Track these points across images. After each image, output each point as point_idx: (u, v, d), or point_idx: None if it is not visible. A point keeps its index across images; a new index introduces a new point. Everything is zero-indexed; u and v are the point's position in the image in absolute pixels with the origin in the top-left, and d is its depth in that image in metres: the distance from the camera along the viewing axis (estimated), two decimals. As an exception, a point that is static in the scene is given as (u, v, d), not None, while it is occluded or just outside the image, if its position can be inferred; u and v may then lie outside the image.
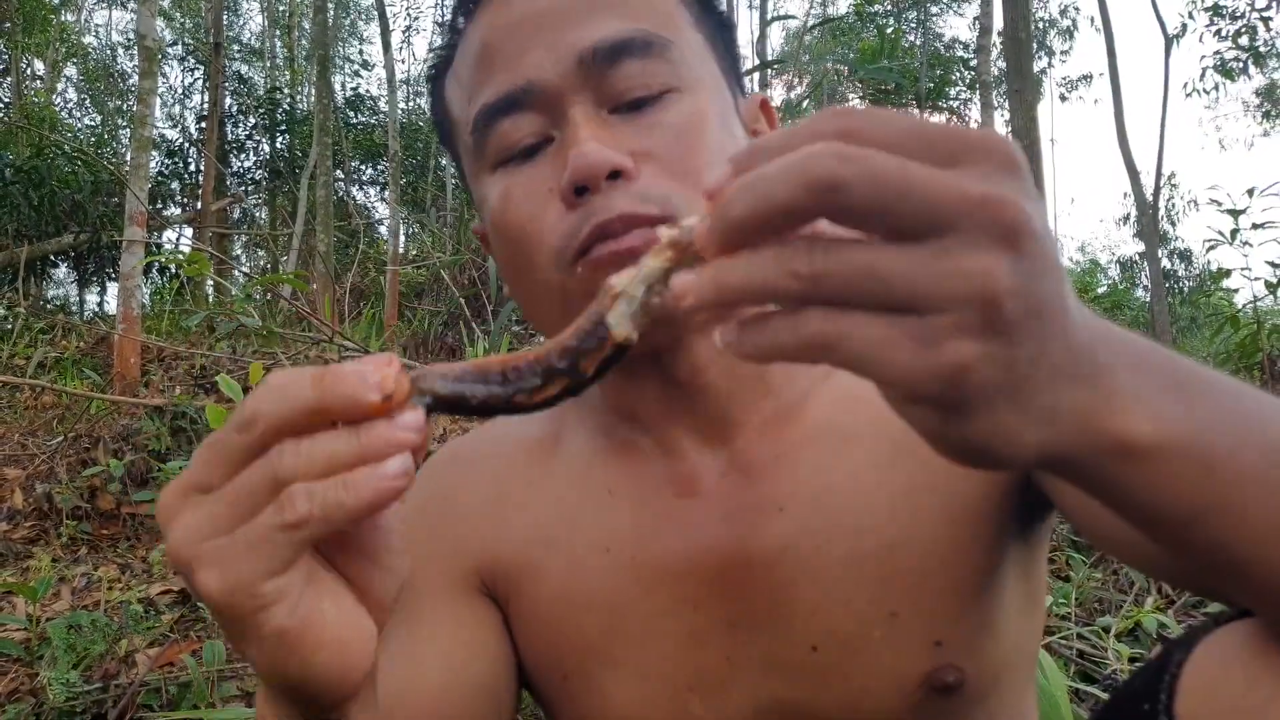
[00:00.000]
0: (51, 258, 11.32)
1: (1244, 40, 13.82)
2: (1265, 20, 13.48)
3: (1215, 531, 0.42)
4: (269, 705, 0.50)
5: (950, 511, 0.71)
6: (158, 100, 6.19)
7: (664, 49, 0.69)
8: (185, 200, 15.00)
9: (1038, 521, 0.77)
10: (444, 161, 12.56)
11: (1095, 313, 0.42)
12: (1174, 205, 20.98)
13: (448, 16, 0.79)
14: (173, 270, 5.40)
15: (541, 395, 0.43)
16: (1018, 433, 0.38)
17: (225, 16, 16.41)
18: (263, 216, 16.44)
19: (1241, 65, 14.19)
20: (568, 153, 0.66)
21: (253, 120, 15.37)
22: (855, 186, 0.35)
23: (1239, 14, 13.75)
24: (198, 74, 17.46)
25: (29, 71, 16.20)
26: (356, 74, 19.19)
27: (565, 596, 0.78)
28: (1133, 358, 0.42)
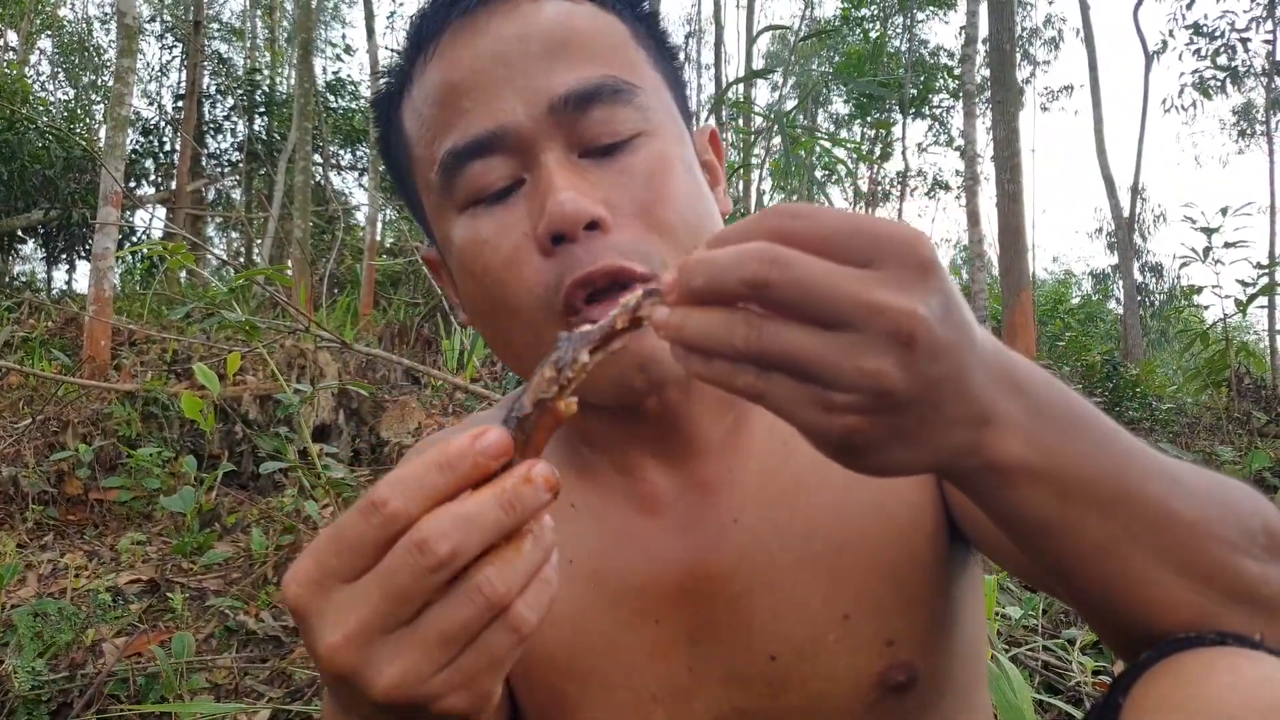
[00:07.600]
0: (19, 233, 11.12)
1: (1223, 59, 14.04)
2: (1244, 41, 13.70)
3: (1056, 543, 0.52)
4: None
5: (890, 506, 0.75)
6: (135, 77, 6.07)
7: (631, 95, 0.71)
8: (159, 180, 14.78)
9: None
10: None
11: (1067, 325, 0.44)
12: (1144, 219, 21.26)
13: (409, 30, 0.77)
14: (144, 250, 5.32)
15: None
16: (907, 463, 0.48)
17: (206, -6, 16.15)
18: (239, 198, 16.23)
19: (1219, 84, 14.42)
20: (544, 199, 0.67)
21: (231, 101, 15.16)
22: (780, 287, 0.44)
23: (1218, 34, 13.96)
24: (176, 51, 17.16)
25: (1, 43, 15.88)
26: (338, 58, 19.01)
27: None
28: (1031, 398, 0.50)
